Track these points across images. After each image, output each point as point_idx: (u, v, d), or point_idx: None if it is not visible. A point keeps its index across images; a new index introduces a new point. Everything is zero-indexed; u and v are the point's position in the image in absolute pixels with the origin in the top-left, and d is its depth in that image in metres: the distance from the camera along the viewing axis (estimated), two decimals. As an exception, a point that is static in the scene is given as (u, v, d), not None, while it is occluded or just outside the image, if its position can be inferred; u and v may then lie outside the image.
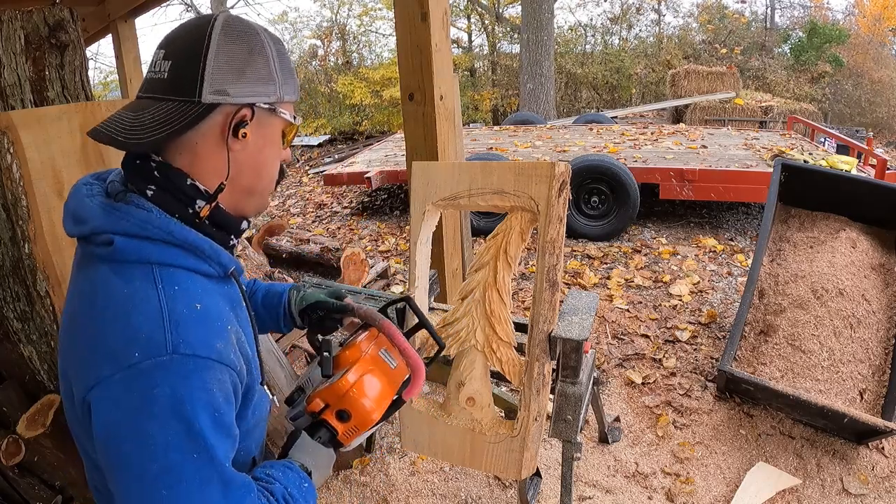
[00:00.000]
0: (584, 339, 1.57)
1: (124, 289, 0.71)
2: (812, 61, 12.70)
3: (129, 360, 0.67)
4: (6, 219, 1.75)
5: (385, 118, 11.97)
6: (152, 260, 0.73)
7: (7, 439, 1.79)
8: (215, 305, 0.76)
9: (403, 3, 2.30)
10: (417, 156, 2.43)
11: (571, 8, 18.14)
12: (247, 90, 0.77)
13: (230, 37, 0.76)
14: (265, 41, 0.80)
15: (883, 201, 3.02)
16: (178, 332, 0.69)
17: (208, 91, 0.74)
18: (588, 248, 4.64)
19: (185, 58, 0.75)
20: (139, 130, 0.73)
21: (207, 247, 0.78)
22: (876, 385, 2.46)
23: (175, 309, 0.70)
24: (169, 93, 0.75)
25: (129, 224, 0.73)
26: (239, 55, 0.77)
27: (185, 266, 0.75)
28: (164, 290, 0.71)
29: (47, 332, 1.80)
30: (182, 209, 0.78)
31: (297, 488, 0.85)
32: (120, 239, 0.72)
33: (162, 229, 0.74)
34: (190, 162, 0.78)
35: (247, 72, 0.77)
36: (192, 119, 0.74)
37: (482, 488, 2.27)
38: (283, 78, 0.82)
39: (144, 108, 0.75)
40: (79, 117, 1.76)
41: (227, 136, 0.77)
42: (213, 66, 0.74)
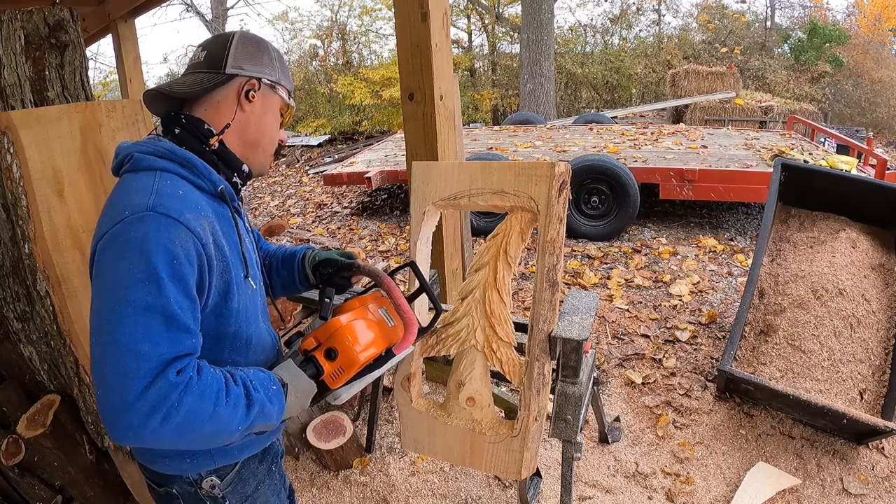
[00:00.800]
0: (584, 339, 1.57)
1: (134, 183, 0.95)
2: (812, 61, 12.70)
3: (121, 216, 0.89)
4: (6, 219, 1.75)
5: (385, 118, 11.97)
6: (157, 167, 0.97)
7: (7, 439, 1.79)
8: (196, 199, 0.97)
9: (403, 3, 2.30)
10: (417, 156, 2.43)
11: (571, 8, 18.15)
12: (256, 69, 1.09)
13: (246, 39, 1.11)
14: (269, 45, 1.13)
15: (883, 201, 3.02)
16: (157, 198, 0.91)
17: (230, 66, 1.06)
18: (588, 248, 4.64)
19: (216, 48, 1.08)
20: (184, 86, 1.05)
21: (201, 165, 1.01)
22: (876, 385, 2.46)
23: (162, 186, 0.93)
24: (204, 68, 1.07)
25: (146, 147, 1.00)
26: (251, 48, 1.10)
27: (181, 175, 0.98)
28: (159, 181, 0.95)
29: (47, 332, 1.80)
30: (197, 145, 1.04)
31: (263, 385, 0.95)
32: (137, 154, 0.98)
33: (167, 149, 0.99)
34: (210, 113, 1.07)
35: (256, 58, 1.09)
36: (218, 82, 1.05)
37: (482, 488, 2.27)
38: (281, 70, 1.14)
39: (186, 76, 1.08)
40: (79, 117, 1.76)
41: (240, 96, 1.08)
42: (234, 52, 1.07)
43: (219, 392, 0.89)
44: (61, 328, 1.74)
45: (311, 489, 2.30)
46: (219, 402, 0.88)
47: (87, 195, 1.78)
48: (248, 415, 0.91)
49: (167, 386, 0.83)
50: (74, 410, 1.88)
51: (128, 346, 0.83)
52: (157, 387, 0.82)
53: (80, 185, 1.76)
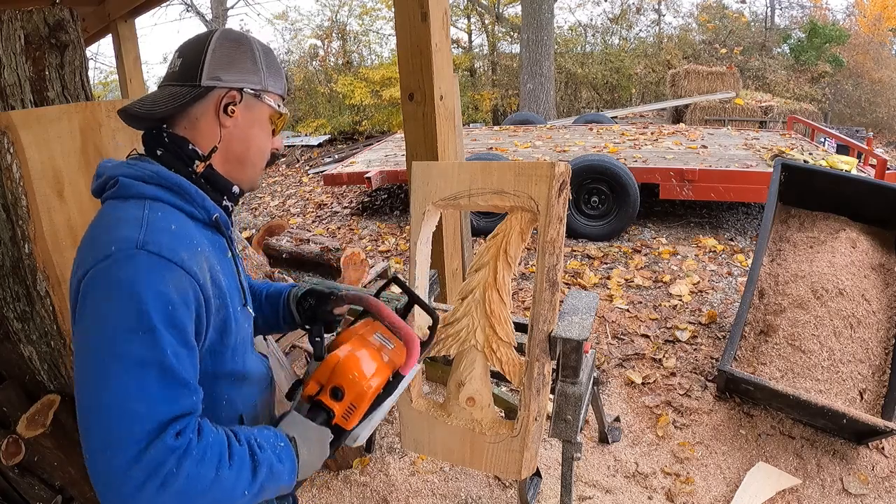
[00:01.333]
0: (584, 339, 1.57)
1: (121, 213, 0.85)
2: (812, 61, 12.70)
3: (106, 251, 0.79)
4: (6, 219, 1.75)
5: (385, 118, 11.97)
6: (146, 195, 0.88)
7: (7, 439, 1.79)
8: (191, 233, 0.89)
9: (403, 3, 2.30)
10: (417, 156, 2.43)
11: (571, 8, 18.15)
12: (236, 77, 0.97)
13: (225, 40, 0.98)
14: (253, 44, 1.00)
15: (883, 201, 3.02)
16: (148, 234, 0.81)
17: (206, 77, 0.94)
18: (588, 248, 4.64)
19: (191, 54, 0.96)
20: (154, 104, 0.94)
21: (193, 191, 0.93)
22: (876, 385, 2.46)
23: (153, 219, 0.84)
24: (178, 80, 0.96)
25: (133, 170, 0.90)
26: (230, 52, 0.97)
27: (172, 203, 0.89)
28: (149, 212, 0.85)
29: (47, 332, 1.80)
30: (183, 168, 0.95)
31: (269, 443, 0.87)
32: (123, 178, 0.89)
33: (157, 174, 0.90)
34: (192, 132, 0.96)
35: (236, 63, 0.97)
36: (193, 97, 0.94)
37: (482, 488, 2.27)
38: (269, 73, 1.01)
39: (159, 91, 0.97)
40: (79, 117, 1.76)
41: (218, 111, 0.96)
42: (210, 59, 0.95)
43: (221, 455, 0.79)
44: (61, 328, 1.74)
45: (311, 489, 2.30)
46: (221, 467, 0.79)
47: (87, 195, 1.77)
48: (255, 478, 0.82)
49: (164, 451, 0.74)
50: (74, 410, 1.88)
51: (120, 406, 0.74)
52: (154, 452, 0.74)
53: (80, 185, 1.76)
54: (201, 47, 0.96)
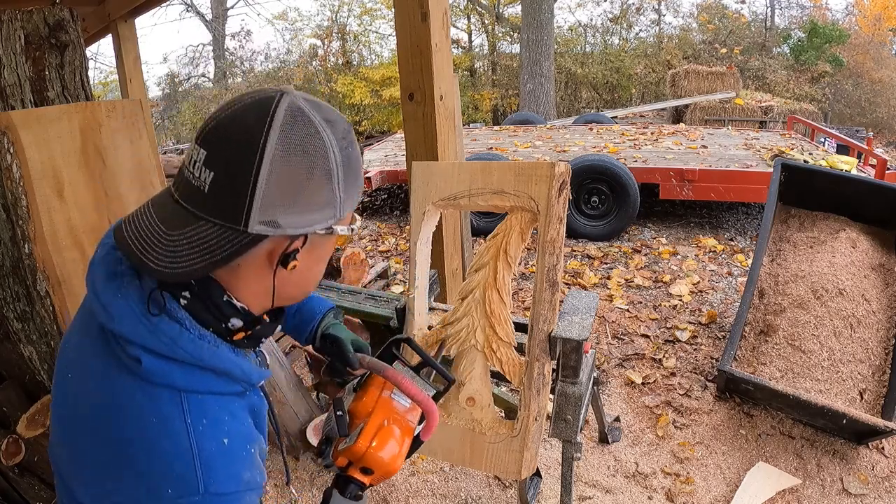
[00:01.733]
0: (584, 339, 1.57)
1: (153, 416, 0.68)
2: (812, 61, 12.71)
3: (160, 493, 0.66)
4: (6, 219, 1.75)
5: (385, 118, 11.98)
6: (179, 386, 0.69)
7: (7, 439, 1.79)
8: (241, 430, 0.75)
9: (403, 3, 2.30)
10: (417, 156, 2.43)
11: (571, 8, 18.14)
12: (302, 220, 0.67)
13: (288, 151, 0.64)
14: (329, 148, 0.67)
15: (883, 201, 3.02)
16: (208, 473, 0.68)
17: (256, 220, 0.64)
18: (588, 248, 4.63)
19: (232, 176, 0.64)
20: (175, 256, 0.65)
21: (238, 372, 0.75)
22: (876, 385, 2.46)
23: (204, 447, 0.68)
24: (209, 213, 0.65)
25: (159, 342, 0.68)
26: (296, 177, 0.65)
27: (213, 391, 0.72)
28: (193, 424, 0.68)
29: (47, 332, 1.80)
30: (216, 324, 0.73)
31: None
32: (147, 359, 0.68)
33: (191, 354, 0.70)
34: (229, 278, 0.71)
35: (303, 199, 0.67)
36: (234, 250, 0.66)
37: (482, 488, 2.27)
38: (347, 192, 0.71)
39: (180, 223, 0.66)
40: (79, 117, 1.76)
41: (274, 266, 0.71)
42: (265, 192, 0.64)
43: None
44: (61, 328, 1.75)
45: (311, 489, 2.30)
46: None
47: (87, 195, 1.78)
48: None
49: None
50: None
51: None
52: None
53: (80, 185, 1.76)
54: (249, 168, 0.63)
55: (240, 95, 0.69)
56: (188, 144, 6.93)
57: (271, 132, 0.64)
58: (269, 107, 0.65)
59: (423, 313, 1.81)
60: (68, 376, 0.75)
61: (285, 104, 0.66)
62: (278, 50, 17.94)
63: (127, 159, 1.86)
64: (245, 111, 0.66)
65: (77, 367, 0.75)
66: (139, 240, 0.66)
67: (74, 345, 0.77)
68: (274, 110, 0.65)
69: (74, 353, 0.76)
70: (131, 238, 0.67)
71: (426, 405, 0.99)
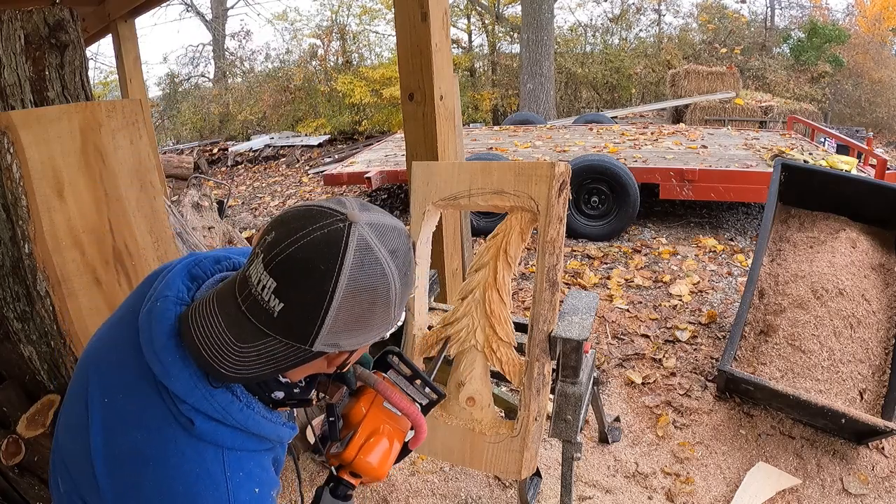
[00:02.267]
0: (584, 339, 1.57)
1: (196, 467, 0.77)
2: (812, 61, 12.70)
3: None
4: (6, 219, 1.75)
5: (385, 118, 11.97)
6: (224, 445, 0.79)
7: (7, 439, 1.79)
8: (267, 479, 0.85)
9: (403, 3, 2.30)
10: (417, 156, 2.43)
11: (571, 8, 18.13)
12: (361, 339, 0.76)
13: (356, 292, 0.70)
14: (391, 283, 0.73)
15: (883, 201, 3.02)
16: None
17: (321, 343, 0.72)
18: (588, 248, 4.63)
19: (302, 312, 0.70)
20: (245, 365, 0.73)
21: (275, 437, 0.86)
22: (876, 385, 2.46)
23: (239, 497, 0.78)
24: (278, 333, 0.72)
25: (212, 408, 0.78)
26: (359, 313, 0.72)
27: (250, 449, 0.83)
28: (231, 477, 0.78)
29: (47, 332, 1.80)
30: (261, 393, 0.84)
31: None
32: (200, 421, 0.77)
33: (239, 422, 0.80)
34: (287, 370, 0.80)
35: (364, 326, 0.74)
36: (299, 361, 0.75)
37: (482, 488, 2.27)
38: (400, 309, 0.77)
39: (249, 337, 0.73)
40: (79, 117, 1.76)
41: (331, 364, 0.82)
42: (331, 325, 0.70)
43: None
44: (61, 328, 1.74)
45: (311, 489, 2.30)
46: None
47: (87, 195, 1.78)
48: None
49: None
50: (74, 410, 1.88)
51: None
52: None
53: (80, 185, 1.76)
54: (319, 308, 0.69)
55: (305, 214, 0.72)
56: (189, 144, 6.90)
57: (341, 278, 0.69)
58: (338, 246, 0.69)
59: (423, 313, 1.81)
60: (104, 401, 0.80)
61: (354, 242, 0.70)
62: (278, 50, 17.94)
63: (127, 159, 1.86)
64: (313, 249, 0.69)
65: (118, 399, 0.80)
66: (210, 347, 0.74)
67: (113, 367, 0.83)
68: (343, 251, 0.69)
69: (114, 378, 0.82)
70: (201, 343, 0.74)
71: (414, 419, 1.05)
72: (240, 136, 13.46)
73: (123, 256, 1.84)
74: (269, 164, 10.23)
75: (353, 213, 0.72)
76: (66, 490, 0.86)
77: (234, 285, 0.76)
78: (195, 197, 3.75)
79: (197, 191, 3.83)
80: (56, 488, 0.90)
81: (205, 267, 0.90)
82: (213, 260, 0.91)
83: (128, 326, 0.84)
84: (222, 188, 7.24)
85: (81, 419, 0.81)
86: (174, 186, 7.74)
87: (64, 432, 0.88)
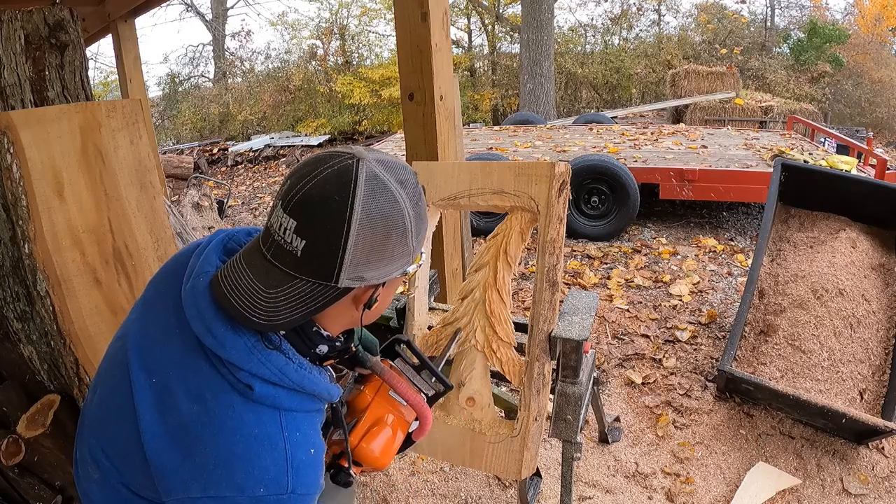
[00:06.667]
0: (584, 339, 1.57)
1: (255, 429, 0.80)
2: (812, 61, 12.70)
3: (255, 491, 0.78)
4: (6, 219, 1.75)
5: (385, 118, 11.98)
6: (282, 407, 0.82)
7: (7, 439, 1.79)
8: (320, 442, 0.88)
9: (403, 3, 2.30)
10: (417, 156, 2.43)
11: (571, 8, 18.15)
12: (382, 272, 0.79)
13: (371, 219, 0.74)
14: (404, 210, 0.77)
15: (883, 201, 3.02)
16: (297, 477, 0.80)
17: (345, 277, 0.76)
18: (588, 248, 4.63)
19: (322, 244, 0.74)
20: (275, 311, 0.77)
21: (326, 394, 0.88)
22: (876, 385, 2.46)
23: (296, 457, 0.81)
24: (303, 272, 0.76)
25: (269, 371, 0.81)
26: (377, 241, 0.76)
27: (305, 409, 0.86)
28: (288, 438, 0.81)
29: (47, 332, 1.80)
30: (307, 351, 0.87)
31: None
32: (259, 386, 0.80)
33: (295, 382, 0.83)
34: (320, 317, 0.85)
35: (384, 255, 0.78)
36: (327, 301, 0.78)
37: (482, 488, 2.27)
38: (417, 242, 0.82)
39: (276, 282, 0.77)
40: (79, 117, 1.76)
41: (360, 308, 0.85)
42: (352, 256, 0.75)
43: None
44: (61, 328, 1.74)
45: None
46: None
47: (87, 195, 1.78)
48: None
49: None
50: (74, 410, 1.88)
51: None
52: None
53: (80, 185, 1.76)
54: (338, 239, 0.73)
55: (317, 161, 0.77)
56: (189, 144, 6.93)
57: (355, 205, 0.74)
58: (349, 178, 0.74)
59: (423, 313, 1.81)
60: (152, 381, 0.83)
61: (363, 174, 0.75)
62: (278, 50, 17.94)
63: (127, 159, 1.86)
64: (327, 183, 0.74)
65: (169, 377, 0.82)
66: (240, 297, 0.77)
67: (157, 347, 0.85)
68: (354, 182, 0.74)
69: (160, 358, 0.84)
70: (232, 295, 0.78)
71: (419, 409, 1.03)
72: (240, 136, 13.46)
73: (123, 256, 1.84)
74: (269, 164, 10.23)
75: (360, 152, 0.77)
76: (100, 478, 0.88)
77: (258, 240, 0.81)
78: (195, 197, 3.75)
79: (197, 191, 3.83)
80: (87, 479, 0.91)
81: (238, 240, 0.93)
82: (245, 233, 0.95)
83: (164, 308, 0.87)
84: (222, 188, 7.24)
85: (125, 405, 0.83)
86: (174, 186, 7.74)
87: (97, 424, 0.90)
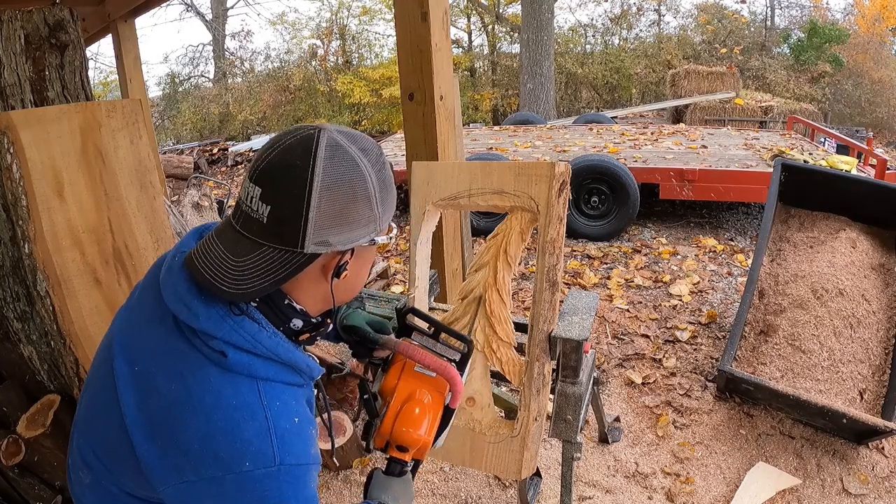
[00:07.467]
0: (584, 339, 1.57)
1: (233, 400, 0.78)
2: (812, 61, 12.70)
3: (241, 467, 0.76)
4: (6, 219, 1.75)
5: (385, 117, 11.98)
6: (258, 376, 0.80)
7: (7, 439, 1.79)
8: (305, 413, 0.86)
9: (403, 3, 2.30)
10: (417, 156, 2.43)
11: (571, 8, 18.14)
12: (348, 237, 0.79)
13: (332, 182, 0.75)
14: (366, 176, 0.78)
15: (883, 201, 3.02)
16: (282, 447, 0.78)
17: (311, 242, 0.76)
18: (588, 248, 4.63)
19: (287, 208, 0.75)
20: (243, 280, 0.77)
21: (305, 366, 0.86)
22: (876, 385, 2.46)
23: (279, 425, 0.79)
24: (270, 239, 0.76)
25: (241, 338, 0.79)
26: (340, 204, 0.76)
27: (284, 381, 0.83)
28: (269, 406, 0.80)
29: (47, 332, 1.80)
30: (282, 324, 0.85)
31: None
32: (232, 353, 0.79)
33: (269, 349, 0.81)
34: (291, 289, 0.83)
35: (348, 220, 0.78)
36: (295, 268, 0.78)
37: (482, 488, 2.27)
38: (384, 207, 0.82)
39: (245, 251, 0.78)
40: (79, 117, 1.76)
41: (329, 277, 0.83)
42: (316, 219, 0.75)
43: None
44: (61, 328, 1.74)
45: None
46: None
47: (87, 195, 1.78)
48: None
49: None
50: (74, 410, 1.88)
51: None
52: None
53: (80, 185, 1.76)
54: (300, 202, 0.74)
55: (282, 133, 0.79)
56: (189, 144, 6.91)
57: (316, 168, 0.74)
58: (310, 145, 0.76)
59: (424, 302, 1.81)
60: (134, 370, 0.83)
61: (324, 141, 0.76)
62: (278, 50, 17.93)
63: (127, 159, 1.86)
64: (290, 151, 0.76)
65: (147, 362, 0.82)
66: (211, 268, 0.78)
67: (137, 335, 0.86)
68: (315, 148, 0.75)
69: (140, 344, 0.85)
70: (203, 267, 0.78)
71: (445, 372, 1.00)
72: (240, 136, 13.46)
73: (123, 256, 1.84)
74: (269, 164, 10.21)
75: (324, 124, 0.79)
76: (92, 481, 0.88)
77: (229, 216, 0.82)
78: (195, 197, 3.75)
79: (197, 191, 3.82)
80: (79, 484, 0.91)
81: (212, 227, 0.93)
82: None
83: (147, 300, 0.87)
84: (222, 188, 7.23)
85: (111, 401, 0.83)
86: (174, 186, 7.74)
87: (85, 425, 0.90)
